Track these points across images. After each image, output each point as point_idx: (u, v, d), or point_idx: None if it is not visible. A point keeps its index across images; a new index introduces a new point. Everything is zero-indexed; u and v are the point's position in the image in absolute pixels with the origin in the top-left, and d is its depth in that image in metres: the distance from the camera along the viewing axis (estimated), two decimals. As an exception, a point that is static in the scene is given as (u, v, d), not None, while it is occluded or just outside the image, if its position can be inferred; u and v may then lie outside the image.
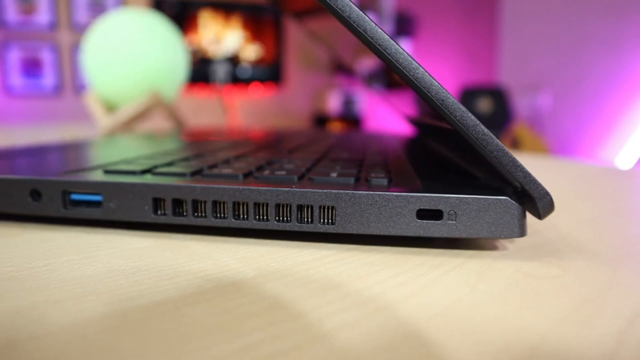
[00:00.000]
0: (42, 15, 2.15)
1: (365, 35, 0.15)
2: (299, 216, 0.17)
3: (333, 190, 0.16)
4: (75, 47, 2.23)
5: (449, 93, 0.15)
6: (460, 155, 0.24)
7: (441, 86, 0.15)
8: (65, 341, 0.10)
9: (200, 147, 0.32)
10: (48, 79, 2.20)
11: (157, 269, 0.14)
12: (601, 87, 2.11)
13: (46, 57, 2.18)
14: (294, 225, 0.16)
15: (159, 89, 0.64)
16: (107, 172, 0.20)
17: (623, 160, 2.02)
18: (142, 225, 0.19)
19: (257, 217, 0.17)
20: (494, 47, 2.60)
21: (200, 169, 0.20)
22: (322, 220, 0.16)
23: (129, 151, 0.29)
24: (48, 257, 0.15)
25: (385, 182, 0.18)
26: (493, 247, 0.17)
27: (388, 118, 2.77)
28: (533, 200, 0.15)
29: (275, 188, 0.16)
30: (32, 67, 2.16)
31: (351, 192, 0.16)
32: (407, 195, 0.16)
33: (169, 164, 0.22)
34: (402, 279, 0.14)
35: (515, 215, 0.16)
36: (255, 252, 0.16)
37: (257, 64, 2.51)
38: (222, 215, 0.17)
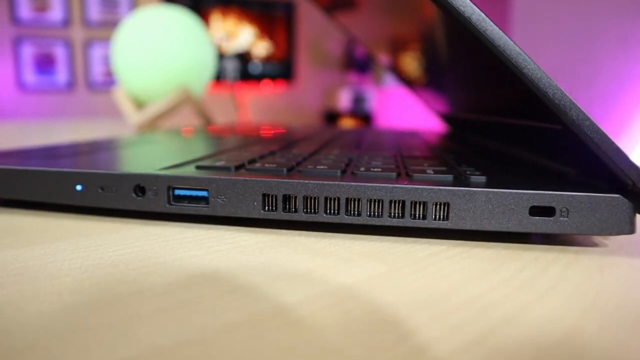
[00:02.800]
0: (55, 12, 2.16)
1: (485, 35, 0.15)
2: (412, 212, 0.17)
3: (448, 187, 0.16)
4: (88, 44, 2.24)
5: (566, 93, 0.16)
6: (538, 151, 0.24)
7: (559, 87, 0.15)
8: (249, 338, 0.10)
9: (264, 143, 0.32)
10: (61, 75, 2.21)
11: (286, 264, 0.15)
12: (611, 87, 2.11)
13: (59, 53, 2.19)
14: (407, 221, 0.17)
15: (188, 85, 0.64)
16: (199, 167, 0.20)
17: (636, 159, 2.01)
18: (238, 221, 0.19)
19: (369, 213, 0.17)
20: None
21: (292, 166, 0.21)
22: (435, 216, 0.17)
23: (195, 147, 0.30)
24: (173, 252, 0.16)
25: (483, 179, 0.18)
26: (593, 244, 0.18)
27: (398, 115, 2.76)
28: (644, 198, 0.16)
29: (390, 185, 0.17)
30: (45, 63, 2.17)
31: (466, 189, 0.16)
32: (521, 193, 0.16)
33: (254, 161, 0.23)
34: (529, 273, 0.14)
35: (627, 213, 0.16)
36: (370, 248, 0.17)
37: (268, 60, 2.51)
38: (334, 211, 0.17)
